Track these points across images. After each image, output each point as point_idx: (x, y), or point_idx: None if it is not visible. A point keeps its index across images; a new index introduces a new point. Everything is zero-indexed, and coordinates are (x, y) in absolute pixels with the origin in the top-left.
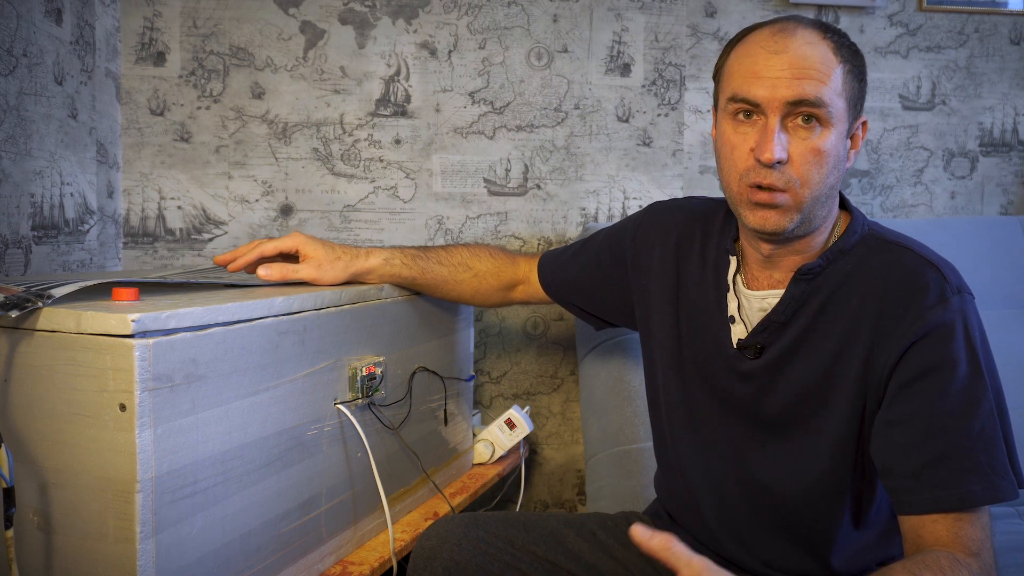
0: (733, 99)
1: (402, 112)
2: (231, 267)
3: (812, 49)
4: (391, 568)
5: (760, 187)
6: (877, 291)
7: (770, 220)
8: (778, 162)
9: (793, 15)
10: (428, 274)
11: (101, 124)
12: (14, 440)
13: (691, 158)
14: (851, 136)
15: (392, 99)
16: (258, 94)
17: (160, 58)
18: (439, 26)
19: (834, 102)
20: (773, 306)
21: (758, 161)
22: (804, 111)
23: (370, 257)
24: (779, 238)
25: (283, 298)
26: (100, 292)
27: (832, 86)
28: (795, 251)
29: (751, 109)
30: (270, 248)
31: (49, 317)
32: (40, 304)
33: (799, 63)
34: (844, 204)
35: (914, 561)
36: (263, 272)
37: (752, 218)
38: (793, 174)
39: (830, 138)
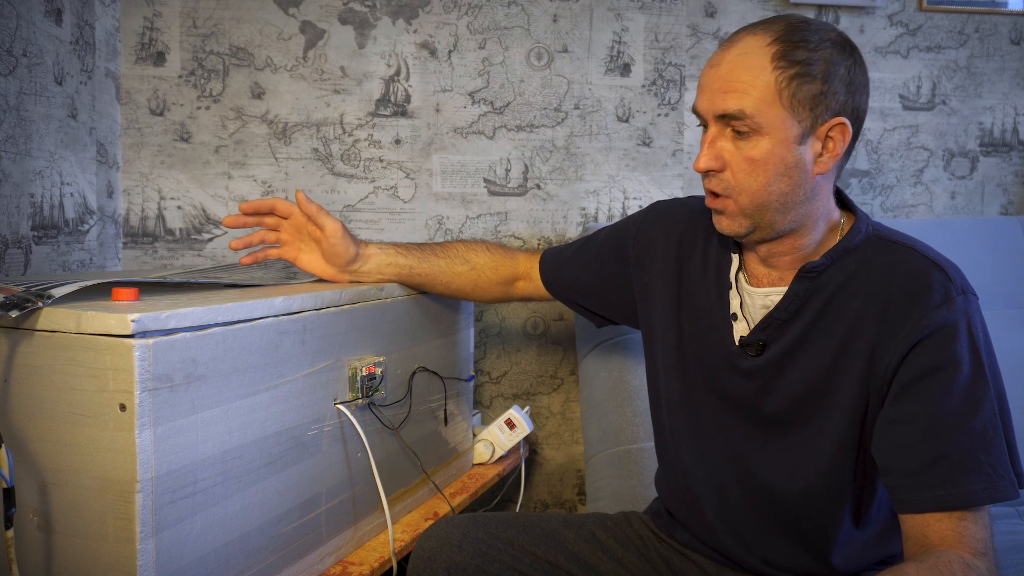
0: (692, 110)
1: (402, 112)
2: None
3: (744, 59)
4: (391, 568)
5: (711, 192)
6: (881, 291)
7: (722, 224)
8: (709, 171)
9: (761, 20)
10: (425, 264)
11: (101, 124)
12: (14, 440)
13: (691, 158)
14: (824, 139)
15: (392, 99)
16: (258, 94)
17: (160, 58)
18: (439, 26)
19: (762, 112)
20: (776, 303)
21: None
22: (731, 122)
23: (368, 246)
24: (742, 239)
25: (283, 298)
26: (100, 292)
27: (759, 95)
28: (785, 252)
29: (703, 121)
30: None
31: (49, 317)
32: (40, 304)
33: (725, 76)
34: (848, 205)
35: (927, 565)
36: (304, 195)
37: (713, 220)
38: (731, 181)
39: (763, 147)
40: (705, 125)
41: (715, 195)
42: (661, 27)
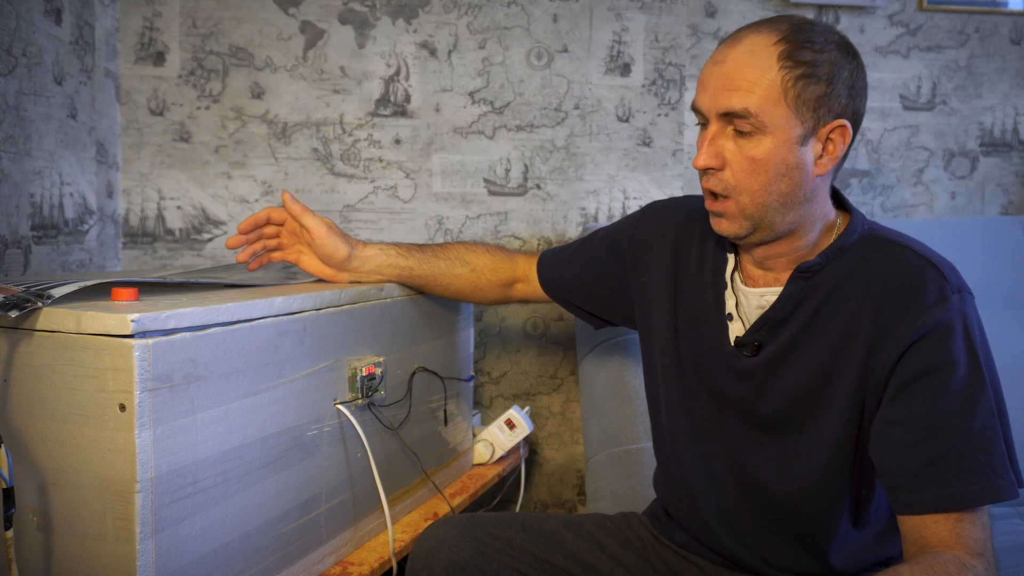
0: (692, 108)
1: (402, 112)
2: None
3: (750, 58)
4: (391, 568)
5: (711, 193)
6: (876, 290)
7: (721, 226)
8: (708, 168)
9: (764, 19)
10: (425, 265)
11: (101, 124)
12: (14, 440)
13: (691, 158)
14: (825, 141)
15: (392, 99)
16: (258, 94)
17: (160, 58)
18: (439, 26)
19: (766, 111)
20: (771, 303)
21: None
22: (734, 121)
23: (368, 246)
24: (741, 241)
25: (283, 298)
26: (100, 292)
27: (764, 94)
28: (781, 253)
29: (703, 118)
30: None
31: (49, 317)
32: (40, 304)
33: (730, 74)
34: (844, 204)
35: (921, 565)
36: (289, 195)
37: (711, 222)
38: (731, 180)
39: (766, 146)
40: (705, 123)
41: (714, 196)
42: (661, 27)
